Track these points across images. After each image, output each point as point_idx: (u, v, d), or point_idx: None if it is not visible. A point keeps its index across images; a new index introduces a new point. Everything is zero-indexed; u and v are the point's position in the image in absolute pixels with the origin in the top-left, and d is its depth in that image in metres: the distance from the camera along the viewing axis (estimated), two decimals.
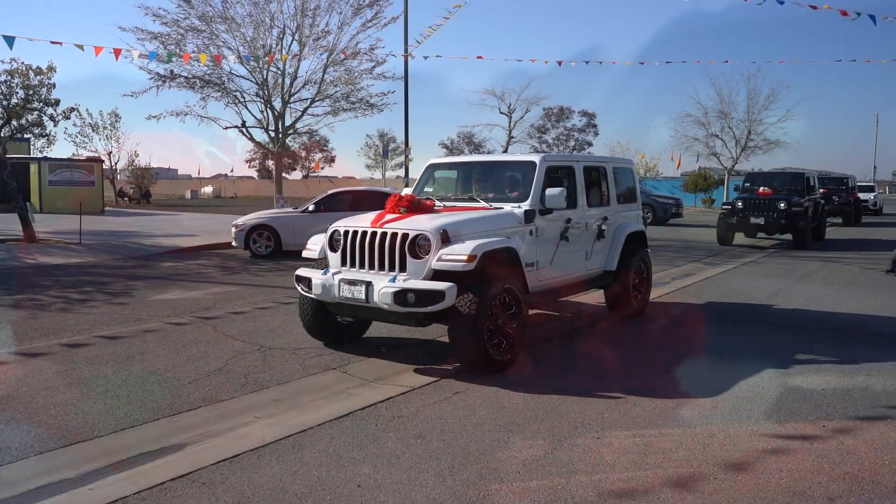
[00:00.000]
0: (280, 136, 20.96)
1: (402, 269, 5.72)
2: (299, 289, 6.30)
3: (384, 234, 5.85)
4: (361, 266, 5.96)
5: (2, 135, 15.97)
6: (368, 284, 5.68)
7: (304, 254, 6.57)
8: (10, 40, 11.86)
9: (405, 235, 5.74)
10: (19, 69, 15.74)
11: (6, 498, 3.53)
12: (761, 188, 17.98)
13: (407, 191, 7.24)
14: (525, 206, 6.48)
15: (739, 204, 17.43)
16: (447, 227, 5.72)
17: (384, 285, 5.56)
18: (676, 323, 8.10)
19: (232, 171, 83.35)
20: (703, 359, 6.37)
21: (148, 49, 18.41)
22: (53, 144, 49.74)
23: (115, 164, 44.24)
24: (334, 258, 6.19)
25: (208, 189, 64.80)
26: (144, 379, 5.56)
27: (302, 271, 6.30)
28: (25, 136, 19.43)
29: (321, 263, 6.36)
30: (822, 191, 22.16)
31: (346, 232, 6.09)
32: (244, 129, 21.16)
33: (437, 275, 5.60)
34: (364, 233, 5.96)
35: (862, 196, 31.26)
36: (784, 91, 55.46)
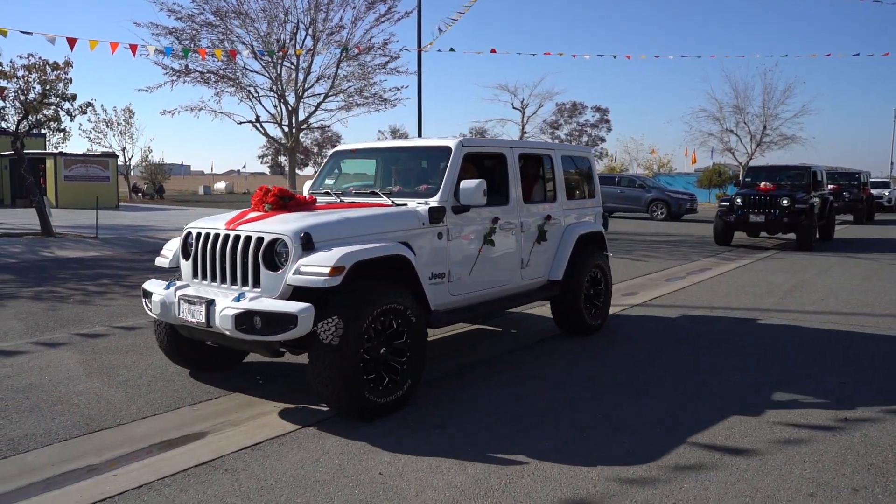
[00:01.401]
0: (294, 131, 21.02)
1: (256, 283, 4.49)
2: (144, 304, 5.10)
3: (237, 238, 4.61)
4: (213, 278, 4.73)
5: (20, 130, 16.11)
6: (210, 303, 4.46)
7: (157, 261, 5.35)
8: (27, 35, 12.05)
9: (259, 240, 4.49)
10: (36, 64, 15.86)
11: (33, 483, 3.57)
12: (763, 183, 16.09)
13: (306, 185, 6.29)
14: (432, 202, 5.18)
15: (738, 200, 15.79)
16: (311, 229, 4.44)
17: (226, 305, 4.37)
18: (681, 324, 8.05)
19: (244, 167, 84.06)
20: (718, 353, 6.32)
21: (163, 44, 18.56)
22: (68, 140, 50.22)
23: (129, 159, 44.56)
24: (186, 267, 4.98)
25: (221, 185, 65.25)
26: (164, 369, 5.59)
27: (148, 284, 5.07)
28: (42, 131, 19.60)
29: (178, 274, 5.21)
30: (831, 187, 21.65)
31: (199, 235, 4.89)
32: (258, 124, 21.24)
33: (296, 292, 4.38)
34: (216, 236, 4.74)
35: (875, 192, 30.81)
36: (800, 86, 55.12)
